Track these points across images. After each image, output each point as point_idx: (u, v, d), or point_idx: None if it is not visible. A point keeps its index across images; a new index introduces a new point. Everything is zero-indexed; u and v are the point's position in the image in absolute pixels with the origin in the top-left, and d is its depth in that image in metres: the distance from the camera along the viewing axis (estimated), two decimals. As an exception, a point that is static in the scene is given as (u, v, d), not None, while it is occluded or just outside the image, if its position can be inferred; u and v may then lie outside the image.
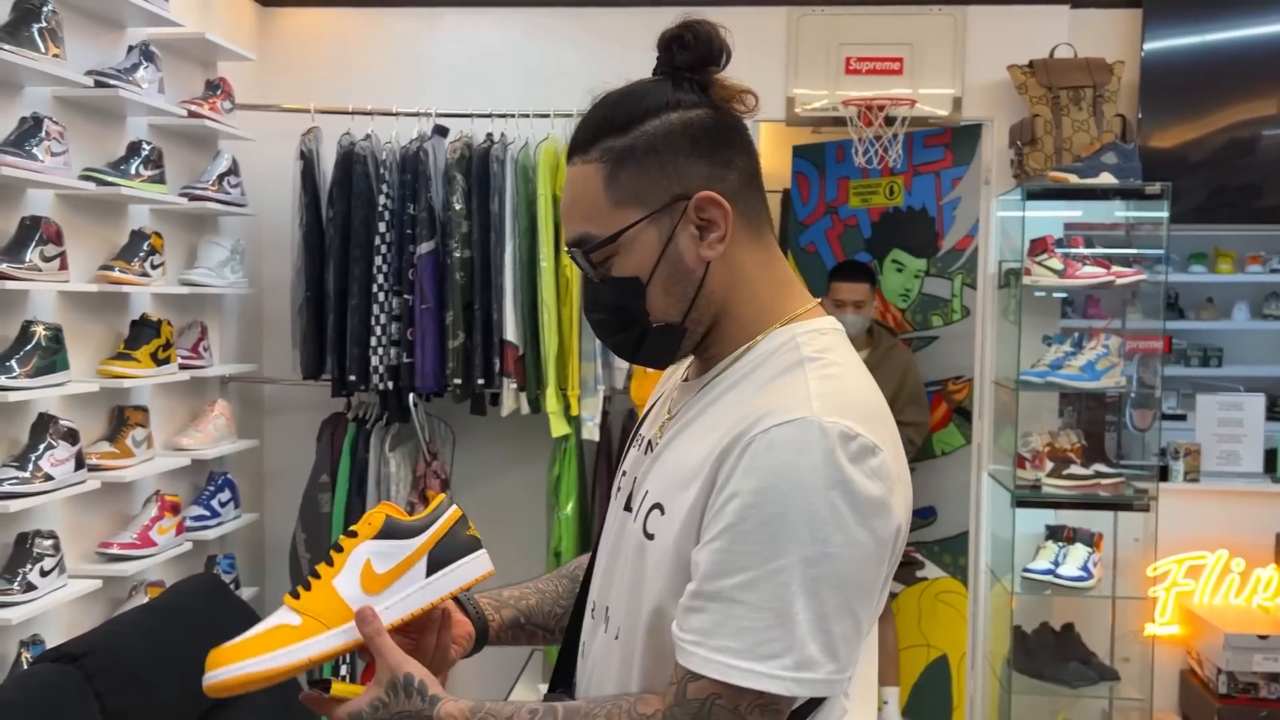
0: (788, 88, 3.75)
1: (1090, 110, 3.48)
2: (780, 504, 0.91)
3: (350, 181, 3.34)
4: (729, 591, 0.92)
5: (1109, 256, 3.51)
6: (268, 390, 3.80)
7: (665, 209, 1.02)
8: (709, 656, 0.92)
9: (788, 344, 1.03)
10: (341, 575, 1.06)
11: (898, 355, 3.66)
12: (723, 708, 0.92)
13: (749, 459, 0.93)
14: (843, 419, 0.94)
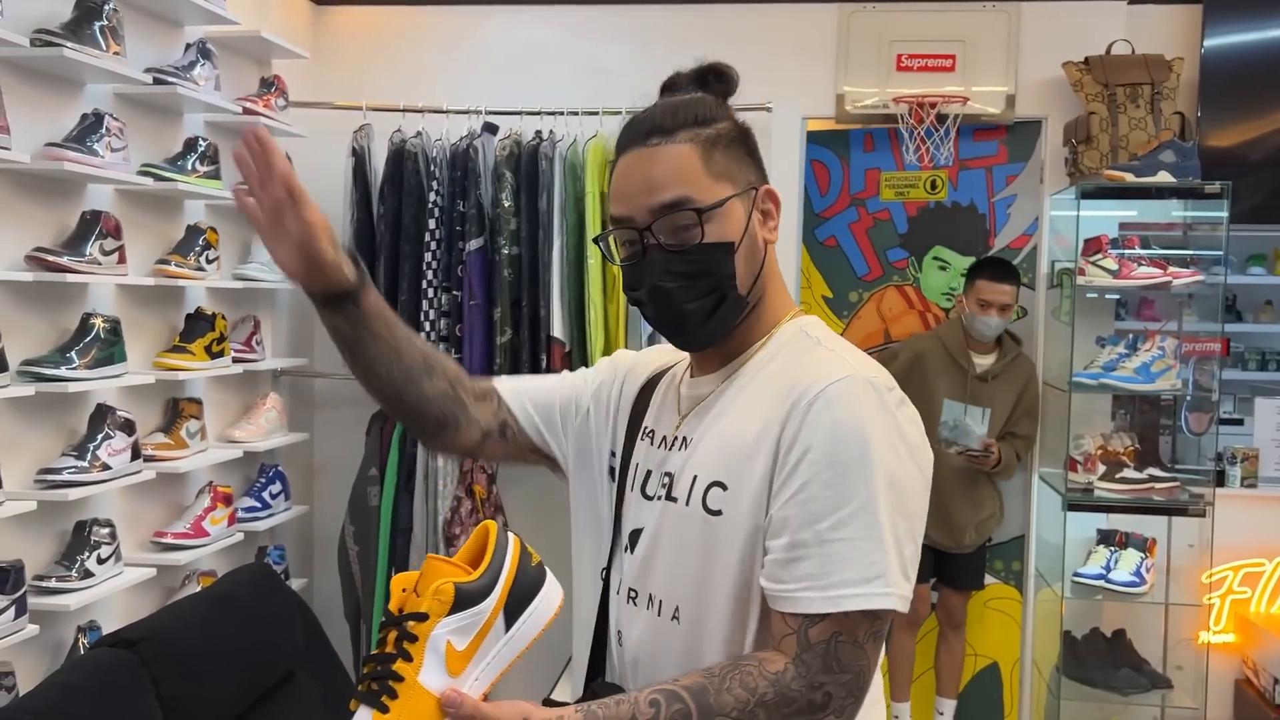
0: (837, 85, 3.72)
1: (1148, 108, 3.42)
2: (853, 448, 1.05)
3: (401, 178, 3.37)
4: (824, 534, 1.03)
5: (1165, 257, 3.44)
6: (318, 384, 3.84)
7: (746, 192, 1.17)
8: (824, 595, 1.02)
9: (798, 334, 1.19)
10: (425, 669, 0.97)
11: (1021, 365, 3.54)
12: (845, 642, 1.03)
13: (812, 417, 1.06)
14: (879, 375, 1.10)
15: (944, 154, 3.64)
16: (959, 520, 3.46)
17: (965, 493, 3.47)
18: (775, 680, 1.02)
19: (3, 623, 2.17)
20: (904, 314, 3.91)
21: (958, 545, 3.49)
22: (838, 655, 1.02)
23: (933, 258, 3.88)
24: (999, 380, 3.45)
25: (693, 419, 1.20)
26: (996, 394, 3.44)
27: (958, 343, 3.46)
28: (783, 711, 1.02)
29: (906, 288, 3.89)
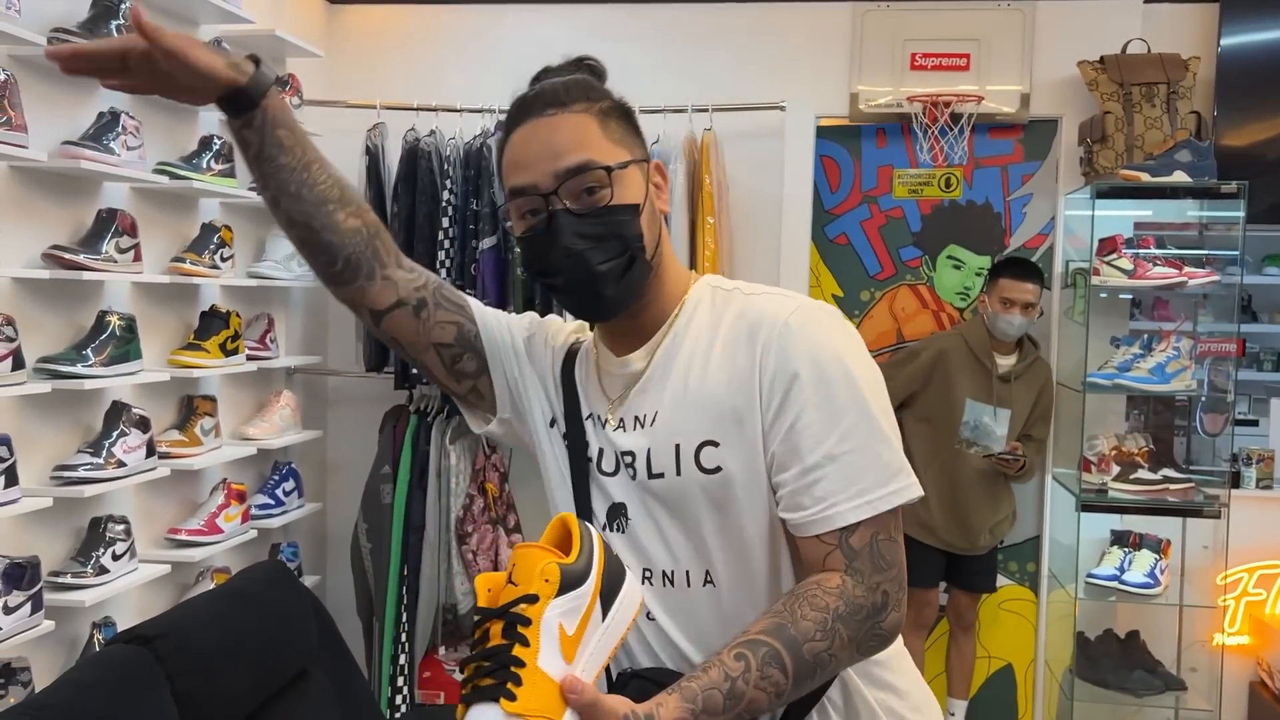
0: (851, 84, 3.71)
1: (1164, 107, 3.40)
2: (832, 365, 1.10)
3: (415, 177, 3.38)
4: (833, 450, 1.08)
5: (1180, 257, 3.43)
6: (331, 382, 3.86)
7: (640, 161, 1.19)
8: (852, 505, 1.08)
9: (710, 290, 1.22)
10: (544, 653, 0.92)
11: (1039, 368, 3.51)
12: (884, 540, 1.09)
13: (783, 350, 1.11)
14: (814, 299, 1.18)
15: (958, 152, 3.63)
16: (977, 523, 3.43)
17: (985, 495, 3.43)
18: (840, 593, 1.06)
19: (19, 619, 2.19)
20: (917, 314, 3.89)
21: (972, 547, 3.46)
22: (882, 554, 1.08)
23: (947, 256, 3.86)
24: (1019, 382, 3.42)
25: (636, 397, 1.20)
26: (1016, 396, 3.40)
27: (982, 341, 3.42)
28: (855, 620, 1.07)
29: (920, 287, 3.88)
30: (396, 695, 3.40)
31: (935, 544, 3.42)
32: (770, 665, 1.00)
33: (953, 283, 3.86)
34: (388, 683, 3.39)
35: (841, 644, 1.05)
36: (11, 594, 2.17)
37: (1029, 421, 3.48)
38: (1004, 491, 3.51)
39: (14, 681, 2.19)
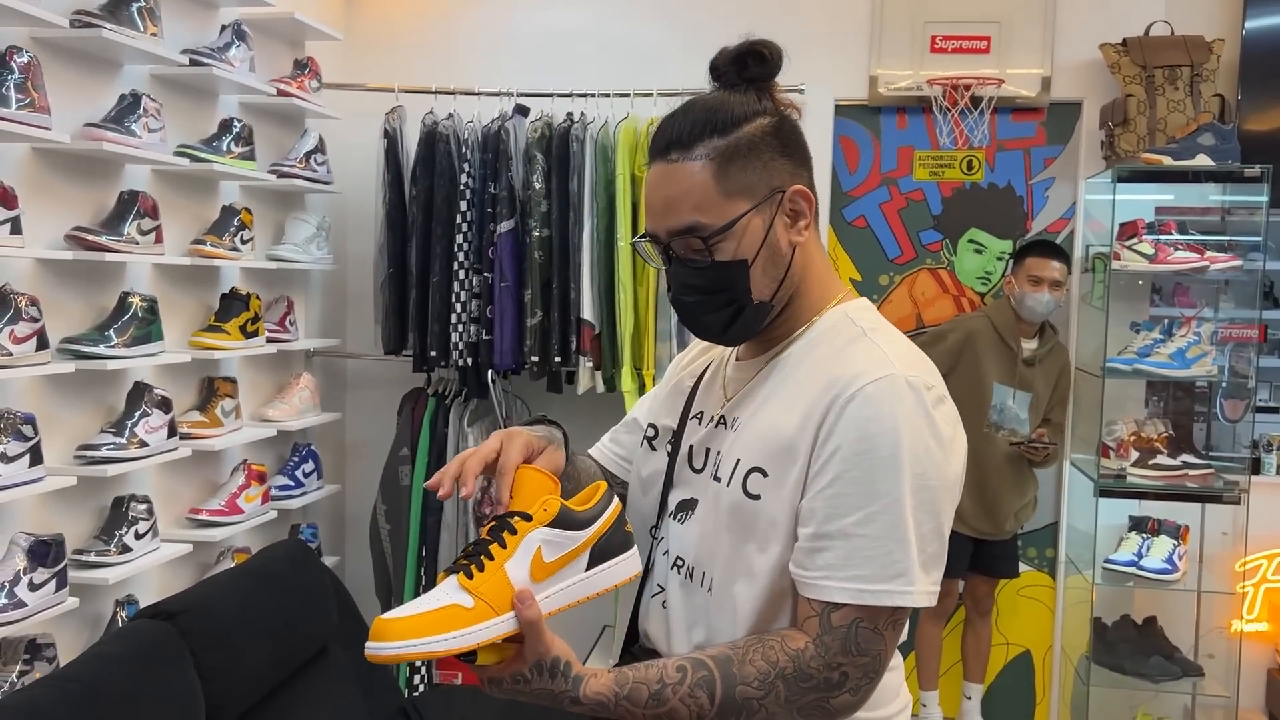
0: (871, 66, 3.70)
1: (1187, 90, 3.37)
2: (883, 448, 1.08)
3: (433, 160, 3.39)
4: (849, 528, 1.08)
5: (1202, 242, 3.40)
6: (350, 365, 3.88)
7: (766, 200, 1.17)
8: (843, 586, 1.07)
9: (843, 320, 1.20)
10: (514, 559, 1.06)
11: (1059, 352, 3.50)
12: (866, 629, 1.08)
13: (848, 415, 1.09)
14: (920, 373, 1.12)
15: (979, 135, 3.61)
16: (1004, 507, 3.41)
17: (1012, 480, 3.42)
18: (795, 656, 1.08)
19: (44, 595, 2.22)
20: (938, 298, 3.87)
21: (998, 532, 3.44)
22: (857, 640, 1.07)
23: (968, 240, 3.83)
24: (1041, 366, 3.41)
25: (738, 401, 1.24)
26: (1038, 379, 3.40)
27: (1008, 323, 3.39)
28: (800, 686, 1.08)
29: (940, 271, 3.85)
30: (415, 675, 3.42)
31: (963, 530, 3.36)
32: (700, 688, 1.07)
33: (974, 267, 3.83)
34: (405, 663, 3.42)
35: (776, 700, 1.08)
36: (36, 571, 2.20)
37: (1048, 406, 3.47)
38: (1028, 476, 3.48)
39: (39, 657, 2.23)
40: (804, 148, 1.21)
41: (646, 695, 1.06)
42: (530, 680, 1.06)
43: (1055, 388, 3.47)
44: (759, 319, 1.20)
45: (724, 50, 1.21)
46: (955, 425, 1.13)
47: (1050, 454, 3.37)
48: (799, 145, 1.20)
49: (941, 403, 1.12)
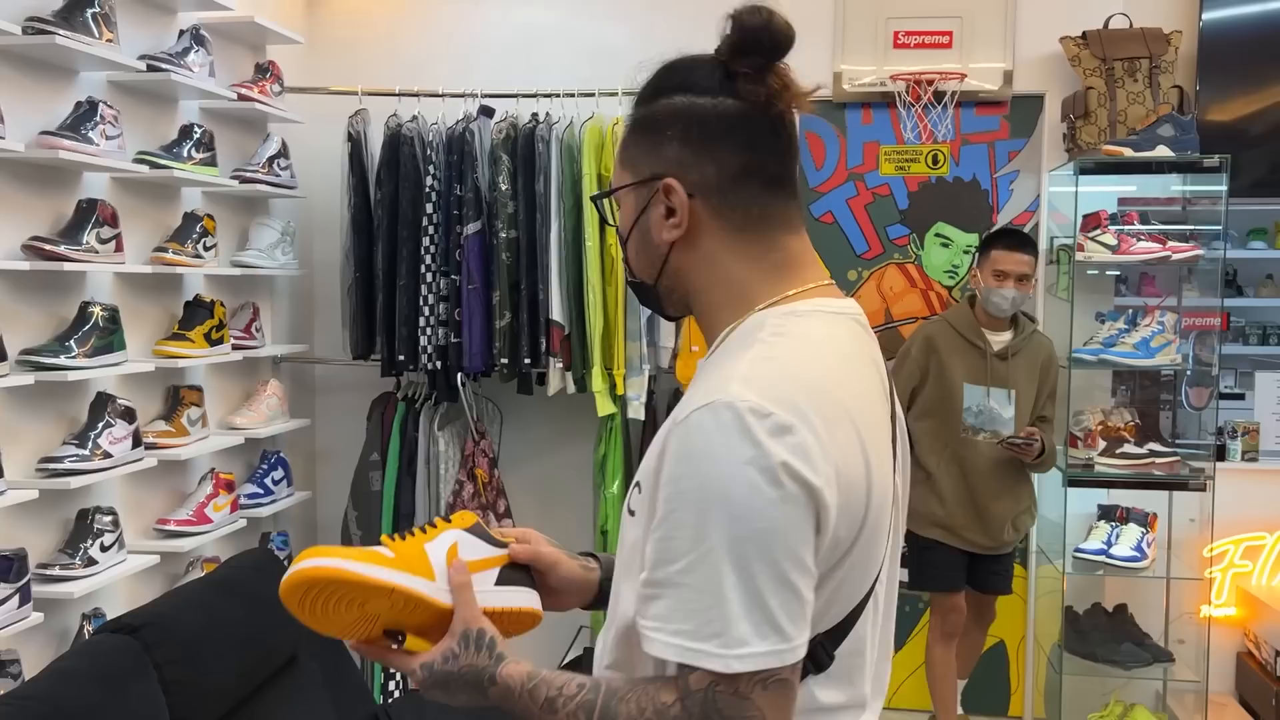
0: (835, 63, 3.71)
1: (1146, 82, 3.40)
2: (701, 488, 0.92)
3: (398, 163, 3.37)
4: (674, 576, 0.93)
5: (1165, 232, 3.43)
6: (318, 370, 3.85)
7: (644, 183, 1.08)
8: (668, 641, 0.93)
9: (756, 325, 1.03)
10: (434, 545, 1.12)
11: (1040, 341, 3.28)
12: (724, 693, 0.92)
13: (674, 446, 0.96)
14: (761, 397, 0.93)
15: (943, 129, 3.63)
16: (997, 515, 3.21)
17: (1001, 486, 3.21)
18: (663, 711, 0.96)
19: (7, 611, 2.19)
20: (906, 293, 3.89)
21: (997, 544, 3.25)
22: (719, 707, 0.93)
23: (934, 234, 3.84)
24: (1019, 358, 3.21)
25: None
26: (1020, 373, 3.20)
27: (968, 322, 3.23)
28: None
29: (908, 265, 3.87)
30: (390, 681, 3.41)
31: (957, 544, 3.22)
32: (582, 710, 1.00)
33: (941, 261, 3.85)
34: (380, 669, 3.40)
35: None
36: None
37: (1039, 403, 3.27)
38: (1022, 480, 3.28)
39: (4, 674, 2.20)
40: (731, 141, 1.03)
41: (544, 697, 1.02)
42: (459, 656, 1.05)
43: (1043, 381, 3.26)
44: (651, 298, 1.13)
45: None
46: (800, 458, 0.91)
47: (1039, 452, 3.14)
48: (718, 138, 1.03)
49: (784, 432, 0.91)
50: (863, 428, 0.98)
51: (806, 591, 0.93)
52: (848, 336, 1.04)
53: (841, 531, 0.96)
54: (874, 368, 1.07)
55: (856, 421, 0.98)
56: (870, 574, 1.01)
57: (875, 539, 1.00)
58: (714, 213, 1.05)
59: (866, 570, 1.00)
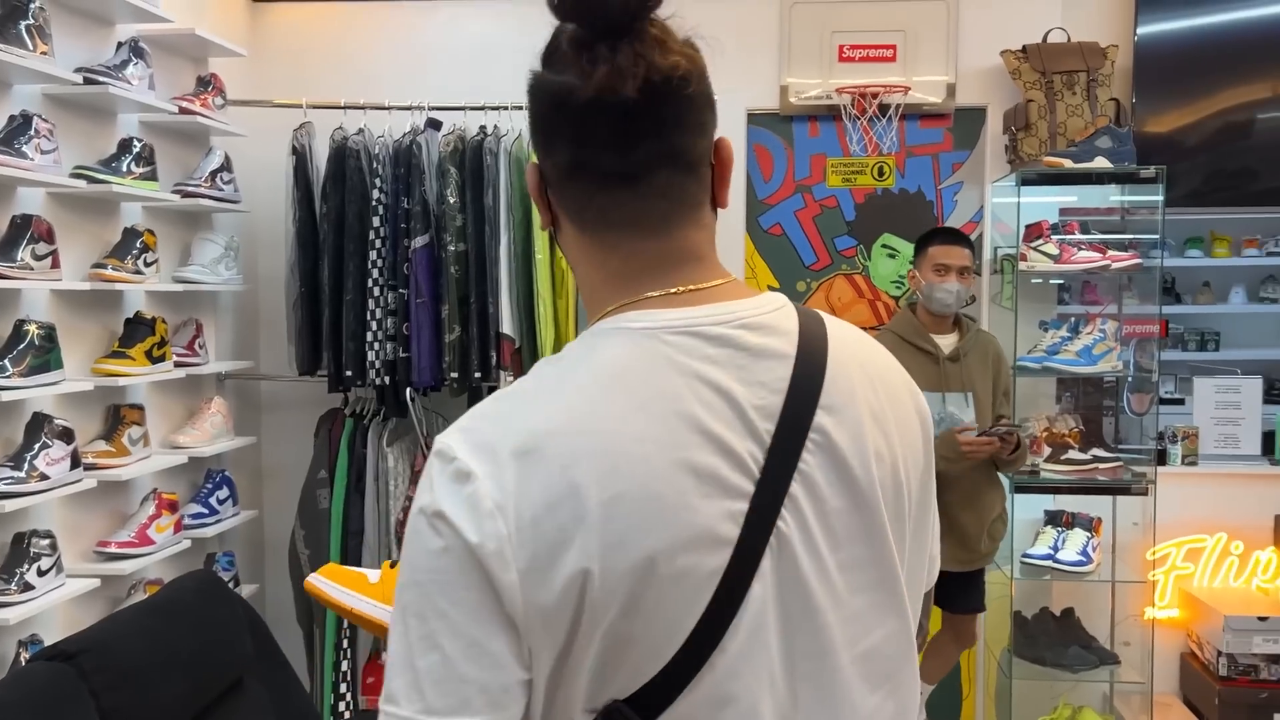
0: (781, 76, 3.74)
1: (1084, 95, 3.47)
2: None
3: (343, 176, 3.33)
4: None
5: (1105, 241, 3.51)
6: (264, 387, 3.79)
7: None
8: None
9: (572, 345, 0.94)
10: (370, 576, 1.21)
11: (987, 340, 3.24)
12: None
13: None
14: (462, 439, 0.85)
15: (888, 142, 3.68)
16: (970, 526, 3.11)
17: (970, 497, 3.10)
18: None
19: (-62, 639, 2.12)
20: (854, 303, 3.93)
21: (973, 558, 3.14)
22: None
23: (881, 245, 3.89)
24: (971, 359, 3.16)
25: None
26: (974, 374, 3.15)
27: (913, 328, 3.17)
28: None
29: (856, 276, 3.91)
30: (340, 702, 3.35)
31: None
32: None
33: (888, 271, 3.90)
34: (330, 690, 3.35)
35: None
36: (-71, 614, 2.10)
37: (995, 404, 3.20)
38: (991, 486, 3.18)
39: (-65, 704, 2.13)
40: (562, 134, 0.90)
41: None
42: None
43: (996, 378, 3.21)
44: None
45: None
46: (470, 510, 0.81)
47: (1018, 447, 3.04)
48: (556, 128, 0.91)
49: (462, 480, 0.82)
50: (636, 475, 0.81)
51: (463, 661, 0.80)
52: (643, 363, 0.86)
53: (567, 596, 0.80)
54: (683, 396, 0.84)
55: (619, 468, 0.81)
56: (670, 640, 0.82)
57: (665, 603, 0.81)
58: (560, 207, 0.94)
59: (662, 640, 0.82)
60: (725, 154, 0.94)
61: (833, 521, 0.87)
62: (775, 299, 0.93)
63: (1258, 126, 3.69)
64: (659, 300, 0.90)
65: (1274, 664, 3.38)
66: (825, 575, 0.87)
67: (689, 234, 0.92)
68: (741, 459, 0.84)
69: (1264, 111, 3.68)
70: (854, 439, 0.89)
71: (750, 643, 0.84)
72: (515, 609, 0.80)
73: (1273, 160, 3.69)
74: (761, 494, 0.84)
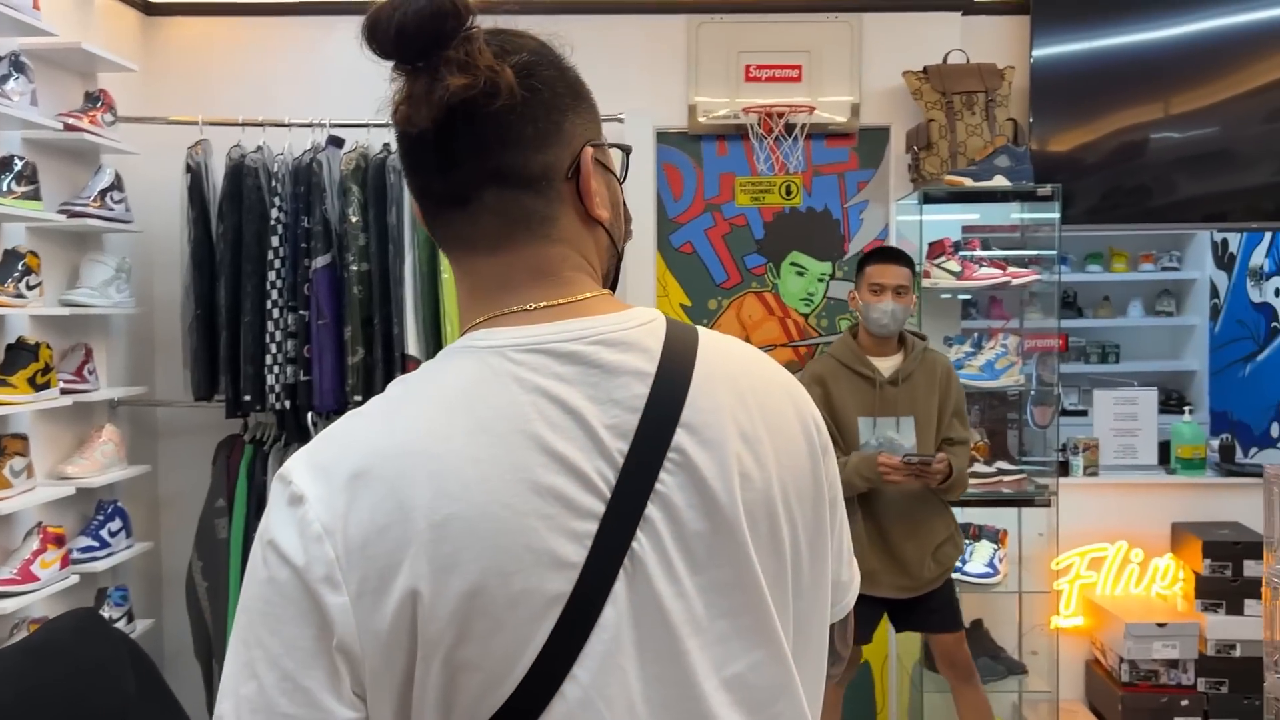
0: (689, 96, 3.75)
1: (983, 115, 3.55)
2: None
3: (240, 195, 3.24)
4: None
5: (1005, 258, 3.58)
6: (161, 413, 3.66)
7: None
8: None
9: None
10: None
11: (935, 360, 3.10)
12: None
13: None
14: (304, 461, 0.84)
15: (794, 161, 3.71)
16: (911, 553, 3.01)
17: (911, 522, 3.01)
18: None
19: None
20: (764, 320, 3.95)
21: (917, 584, 3.04)
22: None
23: (790, 263, 3.92)
24: (913, 382, 3.04)
25: None
26: (916, 398, 3.03)
27: (850, 352, 3.07)
28: None
29: (765, 294, 3.93)
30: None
31: (877, 592, 2.97)
32: None
33: (797, 289, 3.93)
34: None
35: None
36: None
37: (942, 424, 3.08)
38: (933, 513, 3.05)
39: None
40: (404, 161, 0.92)
41: None
42: None
43: (944, 402, 3.08)
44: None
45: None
46: (301, 535, 0.80)
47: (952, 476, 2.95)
48: (412, 166, 0.92)
49: (295, 503, 0.81)
50: (472, 496, 0.80)
51: (277, 694, 0.78)
52: (487, 381, 0.84)
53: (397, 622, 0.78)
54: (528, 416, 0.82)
55: (451, 489, 0.80)
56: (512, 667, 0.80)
57: (503, 628, 0.79)
58: (439, 239, 0.94)
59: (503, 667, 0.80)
60: (583, 165, 0.91)
61: (692, 544, 0.85)
62: (644, 314, 0.91)
63: (1152, 146, 3.81)
64: (512, 317, 0.89)
65: (1173, 669, 3.47)
66: (685, 599, 0.84)
67: (538, 250, 0.90)
68: (590, 479, 0.82)
69: (1157, 131, 3.80)
70: (717, 460, 0.86)
71: (605, 670, 0.81)
72: (349, 636, 0.78)
73: (1167, 178, 3.82)
74: (612, 515, 0.82)
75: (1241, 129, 3.79)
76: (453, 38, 0.85)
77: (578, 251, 0.92)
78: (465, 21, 0.86)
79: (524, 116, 0.87)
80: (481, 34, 0.87)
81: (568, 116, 0.90)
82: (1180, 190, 3.84)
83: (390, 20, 0.86)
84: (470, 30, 0.86)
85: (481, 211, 0.88)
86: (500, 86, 0.85)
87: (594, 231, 0.94)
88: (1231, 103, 3.78)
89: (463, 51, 0.85)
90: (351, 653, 0.79)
